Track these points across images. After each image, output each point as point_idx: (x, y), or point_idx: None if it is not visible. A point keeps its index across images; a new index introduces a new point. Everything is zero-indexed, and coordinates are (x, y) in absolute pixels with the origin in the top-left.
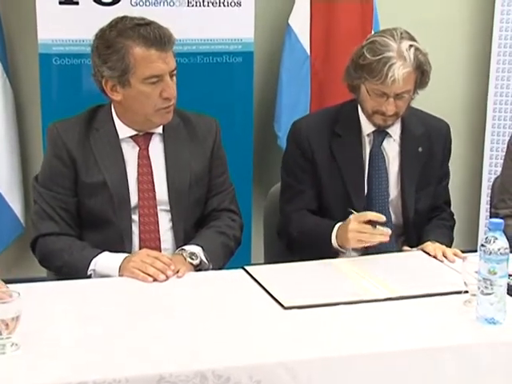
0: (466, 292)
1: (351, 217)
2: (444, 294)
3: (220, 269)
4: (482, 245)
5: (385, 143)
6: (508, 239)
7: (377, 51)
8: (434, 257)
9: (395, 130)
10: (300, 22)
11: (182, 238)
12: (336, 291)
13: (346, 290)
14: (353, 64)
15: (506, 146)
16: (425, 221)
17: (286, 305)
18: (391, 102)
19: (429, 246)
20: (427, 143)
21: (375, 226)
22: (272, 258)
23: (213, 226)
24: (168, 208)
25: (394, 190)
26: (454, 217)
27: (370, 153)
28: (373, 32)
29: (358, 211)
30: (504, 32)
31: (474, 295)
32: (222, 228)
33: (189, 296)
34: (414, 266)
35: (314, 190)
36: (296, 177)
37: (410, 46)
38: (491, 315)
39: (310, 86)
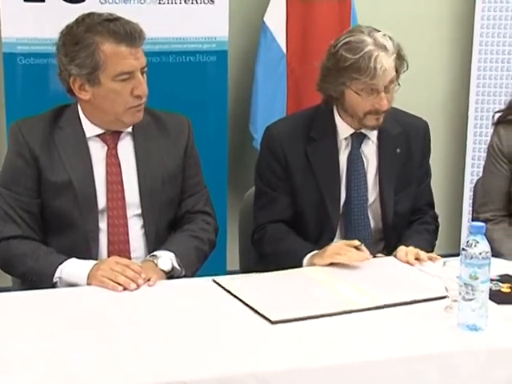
0: (447, 297)
1: (326, 249)
2: (427, 300)
3: (193, 274)
4: (463, 249)
5: (363, 146)
6: (489, 243)
7: (356, 49)
8: (407, 262)
9: (373, 132)
10: (276, 19)
11: (154, 241)
12: (319, 302)
13: (328, 300)
14: (331, 71)
15: (487, 147)
16: (405, 224)
17: (273, 319)
18: (383, 96)
19: (401, 250)
20: (405, 143)
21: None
22: (248, 263)
23: (186, 229)
24: (139, 210)
25: (372, 194)
26: (438, 219)
27: (349, 157)
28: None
29: (333, 218)
30: (485, 29)
31: (455, 301)
32: (196, 232)
33: (161, 306)
34: (390, 272)
35: (288, 196)
36: (270, 183)
37: (383, 35)
38: (473, 322)
39: (286, 85)
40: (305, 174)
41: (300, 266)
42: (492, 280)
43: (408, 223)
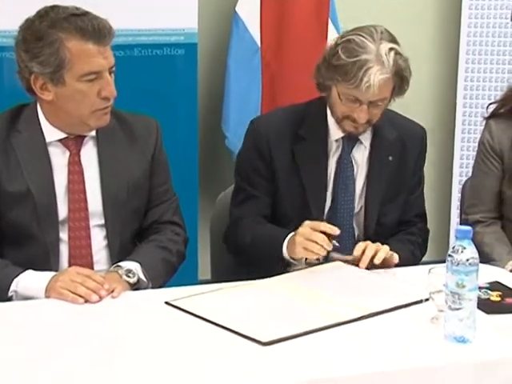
0: (427, 300)
1: (304, 223)
2: (410, 304)
3: (160, 287)
4: (449, 255)
5: (354, 150)
6: (477, 247)
7: (353, 52)
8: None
9: (366, 136)
10: (248, 9)
11: (118, 253)
12: (304, 318)
13: (312, 314)
14: (325, 63)
15: (476, 145)
16: (389, 236)
17: (264, 340)
18: (364, 109)
19: (359, 246)
20: (399, 150)
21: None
22: (220, 273)
23: (153, 240)
24: (102, 220)
25: (359, 202)
26: (429, 234)
27: (338, 160)
28: (330, 22)
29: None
30: (473, 28)
31: (442, 311)
32: (164, 242)
33: (125, 321)
34: (360, 280)
35: (269, 197)
36: (250, 181)
37: (390, 49)
38: (460, 333)
39: (261, 79)
40: (290, 175)
41: (280, 252)
42: (480, 288)
43: (391, 235)
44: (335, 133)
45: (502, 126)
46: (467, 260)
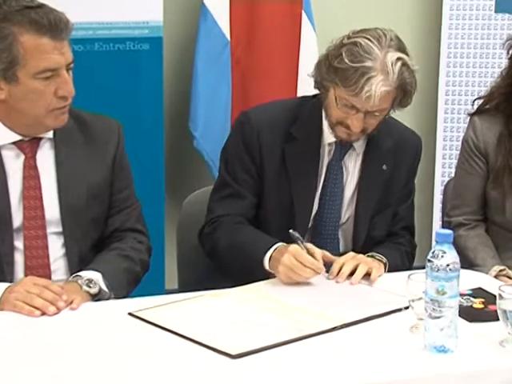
0: (406, 308)
1: (290, 247)
2: (387, 313)
3: (124, 298)
4: (429, 260)
5: (347, 157)
6: (460, 252)
7: (357, 57)
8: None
9: (360, 143)
10: (217, 0)
11: (77, 264)
12: (274, 329)
13: (283, 325)
14: (326, 62)
15: (460, 143)
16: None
17: (233, 353)
18: (360, 117)
19: (337, 262)
20: (393, 160)
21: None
22: (187, 282)
23: (115, 248)
24: (60, 229)
25: (346, 212)
26: (416, 249)
27: (328, 166)
28: (303, 14)
29: (300, 234)
30: (455, 20)
31: (421, 319)
32: (126, 251)
33: (85, 333)
34: (335, 289)
35: (255, 197)
36: (236, 177)
37: (398, 59)
38: (441, 342)
39: (231, 76)
40: (277, 176)
41: (260, 265)
42: (462, 295)
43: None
44: (328, 136)
45: (487, 124)
46: (447, 265)
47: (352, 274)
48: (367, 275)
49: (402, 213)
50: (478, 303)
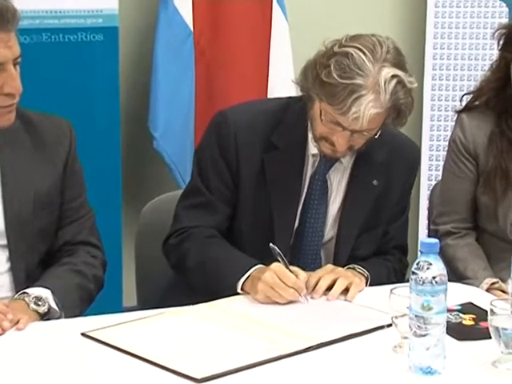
0: (389, 326)
1: (273, 265)
2: (367, 331)
3: (76, 317)
4: (413, 272)
5: (332, 170)
6: (448, 263)
7: (347, 72)
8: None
9: (348, 155)
10: None
11: (24, 280)
12: (243, 350)
13: (253, 346)
14: (314, 72)
15: (447, 144)
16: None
17: (198, 376)
18: (346, 135)
19: (313, 276)
20: (385, 174)
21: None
22: (147, 299)
23: (66, 263)
24: (4, 242)
25: (330, 230)
26: (407, 268)
27: (311, 179)
28: (274, 2)
29: (280, 249)
30: (441, 8)
31: (406, 338)
32: (79, 266)
33: (34, 355)
34: (310, 306)
35: (229, 208)
36: (209, 183)
37: (393, 76)
38: (427, 363)
39: (194, 69)
40: (255, 186)
41: (233, 287)
42: (450, 310)
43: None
44: (313, 146)
45: (476, 122)
46: (434, 278)
47: (329, 289)
48: (346, 290)
49: (394, 232)
50: (467, 319)
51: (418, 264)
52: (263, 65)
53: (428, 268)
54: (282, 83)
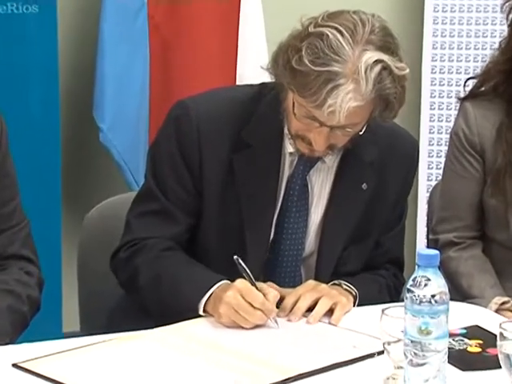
0: (380, 353)
1: (237, 282)
2: (354, 360)
3: (6, 345)
4: (409, 290)
5: (313, 171)
6: (450, 279)
7: (320, 57)
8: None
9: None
10: None
11: None
12: (206, 380)
13: (219, 377)
14: (285, 57)
15: (449, 136)
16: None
17: None
18: (324, 132)
19: (292, 295)
20: (377, 175)
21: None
22: (92, 323)
23: None
24: None
25: (312, 243)
26: (402, 285)
27: (289, 182)
28: None
29: (252, 264)
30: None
31: (400, 368)
32: (10, 285)
33: None
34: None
35: (189, 216)
36: (165, 187)
37: (376, 62)
38: None
39: (148, 48)
40: (223, 191)
41: (194, 307)
42: (453, 335)
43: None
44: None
45: (483, 111)
46: (433, 296)
47: (311, 309)
48: (330, 311)
49: (388, 243)
50: (473, 346)
51: (414, 280)
52: (231, 44)
53: (426, 284)
54: (253, 62)
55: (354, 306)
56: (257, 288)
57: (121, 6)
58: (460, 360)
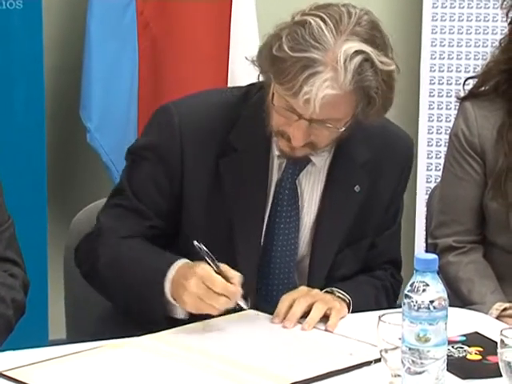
0: (377, 361)
1: (198, 269)
2: (351, 368)
3: None
4: (406, 295)
5: (303, 174)
6: (449, 284)
7: (300, 43)
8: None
9: (324, 155)
10: None
11: None
12: None
13: None
14: (267, 47)
15: (448, 137)
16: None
17: None
18: (302, 126)
19: (285, 299)
20: (371, 176)
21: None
22: (79, 330)
23: None
24: None
25: (305, 247)
26: (400, 286)
27: (277, 186)
28: None
29: (245, 272)
30: (438, 33)
31: (398, 376)
32: None
33: None
34: (281, 335)
35: (161, 219)
36: (140, 190)
37: (357, 52)
38: None
39: (137, 45)
40: (210, 199)
41: (157, 289)
42: (452, 342)
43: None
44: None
45: (483, 111)
46: (431, 302)
47: (305, 316)
48: (325, 318)
49: (383, 244)
50: (473, 353)
51: (412, 285)
52: (223, 41)
53: (424, 290)
54: (246, 64)
55: (348, 312)
56: (220, 272)
57: (108, 1)
58: (459, 368)
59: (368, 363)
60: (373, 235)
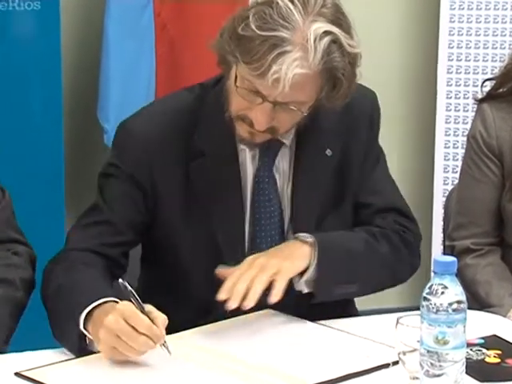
0: (395, 363)
1: (120, 305)
2: (368, 371)
3: (6, 341)
4: (425, 298)
5: (279, 159)
6: (467, 287)
7: (268, 22)
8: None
9: (291, 131)
10: None
11: None
12: None
13: None
14: (230, 28)
15: (465, 141)
16: None
17: None
18: (266, 109)
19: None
20: (340, 140)
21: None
22: None
23: None
24: None
25: (288, 222)
26: (413, 232)
27: (255, 178)
28: None
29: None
30: (456, 35)
31: (416, 379)
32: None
33: None
34: (298, 336)
35: (135, 232)
36: (112, 203)
37: (326, 33)
38: None
39: (154, 45)
40: (187, 206)
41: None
42: (471, 345)
43: None
44: None
45: (501, 113)
46: (450, 305)
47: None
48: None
49: (372, 199)
50: (492, 356)
51: (430, 288)
52: None
53: (443, 292)
54: None
55: (317, 255)
56: (143, 312)
57: (125, 2)
58: (478, 371)
59: (386, 366)
60: (354, 196)
